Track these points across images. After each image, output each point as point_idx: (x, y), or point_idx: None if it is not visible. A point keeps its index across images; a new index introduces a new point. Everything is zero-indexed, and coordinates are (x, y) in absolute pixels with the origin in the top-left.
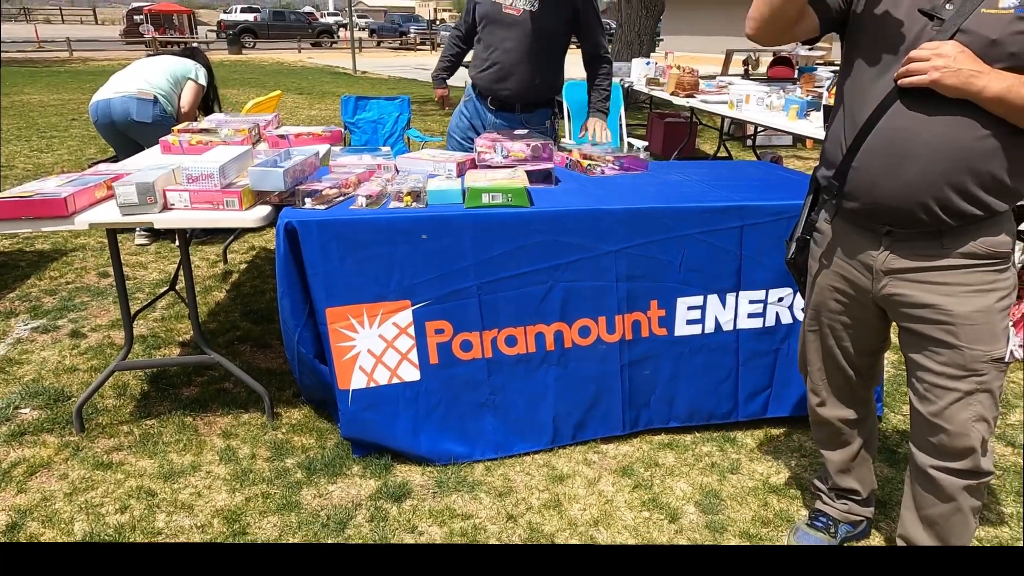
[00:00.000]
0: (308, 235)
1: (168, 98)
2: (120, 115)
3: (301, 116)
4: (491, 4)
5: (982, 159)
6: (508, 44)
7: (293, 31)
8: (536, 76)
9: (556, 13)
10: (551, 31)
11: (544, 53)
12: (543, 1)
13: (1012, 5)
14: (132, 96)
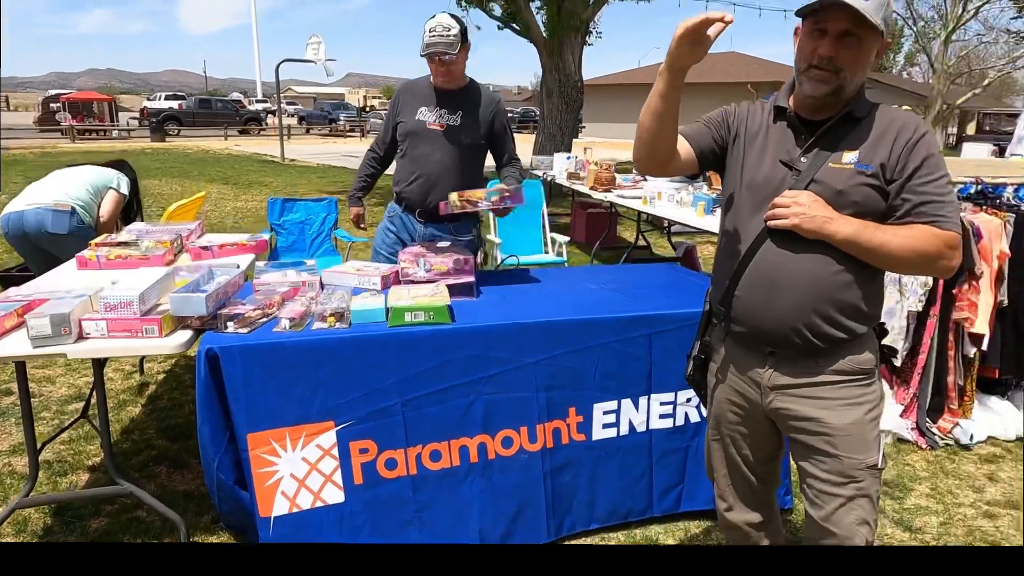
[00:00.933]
0: (230, 361)
1: (87, 208)
2: (33, 227)
3: (226, 208)
4: (415, 122)
5: (840, 290)
6: (433, 157)
7: (220, 118)
8: (460, 186)
9: (474, 127)
10: (471, 143)
11: (466, 163)
12: (463, 116)
13: (852, 161)
14: (47, 208)
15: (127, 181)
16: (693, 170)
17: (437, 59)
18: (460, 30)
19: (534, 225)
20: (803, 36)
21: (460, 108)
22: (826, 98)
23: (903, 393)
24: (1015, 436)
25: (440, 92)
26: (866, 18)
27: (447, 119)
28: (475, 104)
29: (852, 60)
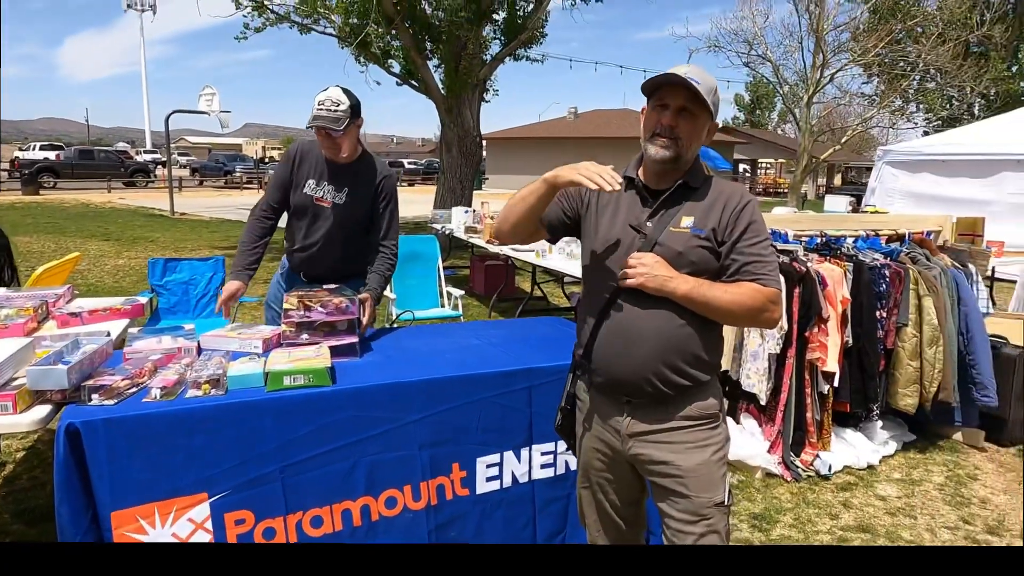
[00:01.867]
0: (93, 436)
1: None
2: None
3: (106, 266)
4: (302, 194)
5: (682, 342)
6: (319, 231)
7: (103, 170)
8: (346, 257)
9: (360, 205)
10: (358, 218)
11: (353, 237)
12: (350, 194)
13: (689, 226)
14: None
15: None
16: (546, 238)
17: (324, 132)
18: (350, 106)
19: (429, 279)
20: (648, 111)
21: (347, 184)
22: (668, 164)
23: (769, 430)
24: (866, 464)
25: (331, 165)
26: (699, 96)
27: (333, 196)
28: (364, 181)
29: (688, 131)
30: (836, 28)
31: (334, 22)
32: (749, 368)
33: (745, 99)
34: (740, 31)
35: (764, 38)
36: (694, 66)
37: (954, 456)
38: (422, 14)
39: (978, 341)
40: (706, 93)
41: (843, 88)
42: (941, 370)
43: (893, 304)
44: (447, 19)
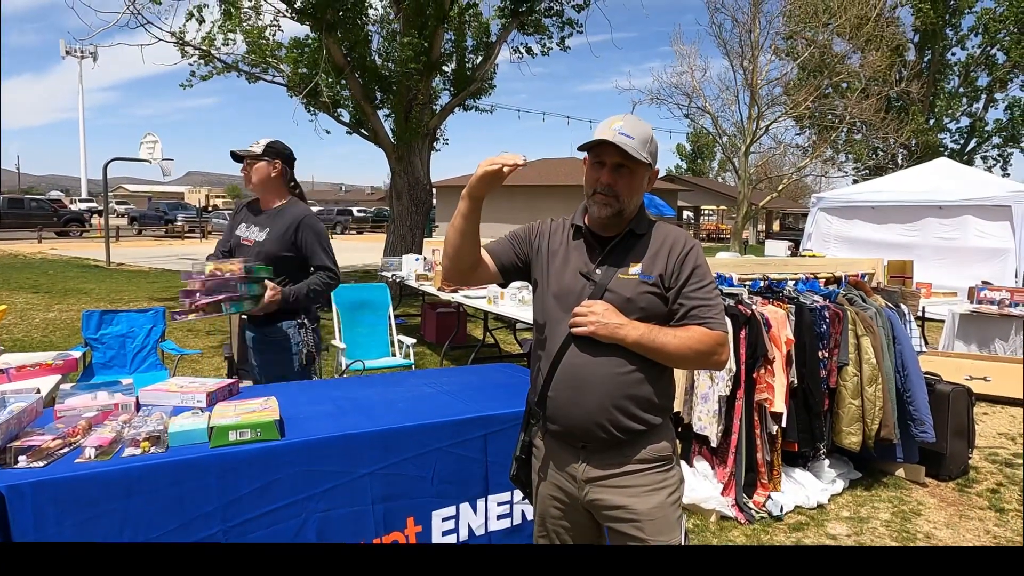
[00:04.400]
0: (18, 501)
1: None
2: None
3: (35, 320)
4: (235, 236)
5: (634, 386)
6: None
7: (34, 219)
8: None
9: (276, 243)
10: (279, 255)
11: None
12: (270, 233)
13: (636, 272)
14: None
15: None
16: (498, 280)
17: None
18: (268, 145)
19: (380, 328)
20: (588, 167)
21: (269, 226)
22: (611, 219)
23: (722, 472)
24: (816, 503)
25: (259, 211)
26: (632, 154)
27: (256, 235)
28: (283, 222)
29: (626, 186)
30: (769, 83)
31: (283, 71)
32: (700, 410)
33: (687, 149)
34: (680, 84)
35: (703, 91)
36: (629, 117)
37: (898, 492)
38: (372, 64)
39: (914, 378)
40: (640, 147)
41: (778, 139)
42: (882, 407)
43: (834, 344)
44: (397, 70)
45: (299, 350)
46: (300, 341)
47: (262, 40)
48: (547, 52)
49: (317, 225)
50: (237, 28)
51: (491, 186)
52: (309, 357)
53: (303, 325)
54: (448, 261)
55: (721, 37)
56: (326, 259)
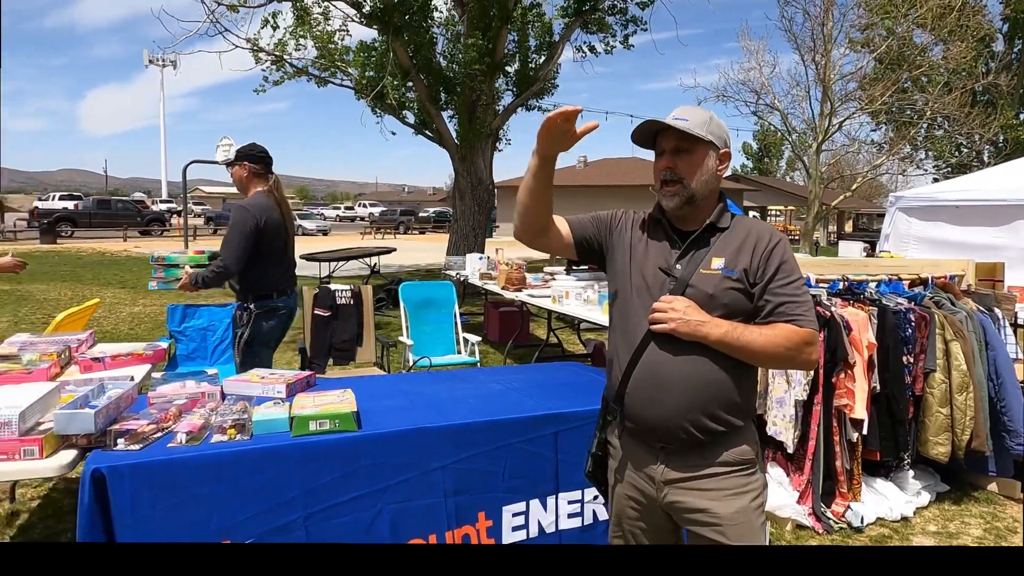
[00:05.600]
0: (118, 482)
1: None
2: None
3: (122, 314)
4: None
5: (717, 387)
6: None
7: (120, 219)
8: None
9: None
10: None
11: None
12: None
13: (719, 267)
14: None
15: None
16: (570, 254)
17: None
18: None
19: (447, 326)
20: (654, 164)
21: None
22: (683, 208)
23: (798, 479)
24: (899, 516)
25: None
26: (689, 132)
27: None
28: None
29: (688, 168)
30: (843, 78)
31: (351, 75)
32: (775, 415)
33: (753, 148)
34: (748, 81)
35: (771, 88)
36: (684, 106)
37: (991, 508)
38: (437, 66)
39: (1009, 387)
40: (696, 127)
41: (851, 136)
42: (972, 417)
43: (920, 349)
44: (461, 71)
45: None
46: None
47: (331, 44)
48: (610, 51)
49: (233, 218)
50: (308, 33)
51: (560, 145)
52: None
53: (246, 309)
54: (519, 220)
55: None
56: (223, 250)
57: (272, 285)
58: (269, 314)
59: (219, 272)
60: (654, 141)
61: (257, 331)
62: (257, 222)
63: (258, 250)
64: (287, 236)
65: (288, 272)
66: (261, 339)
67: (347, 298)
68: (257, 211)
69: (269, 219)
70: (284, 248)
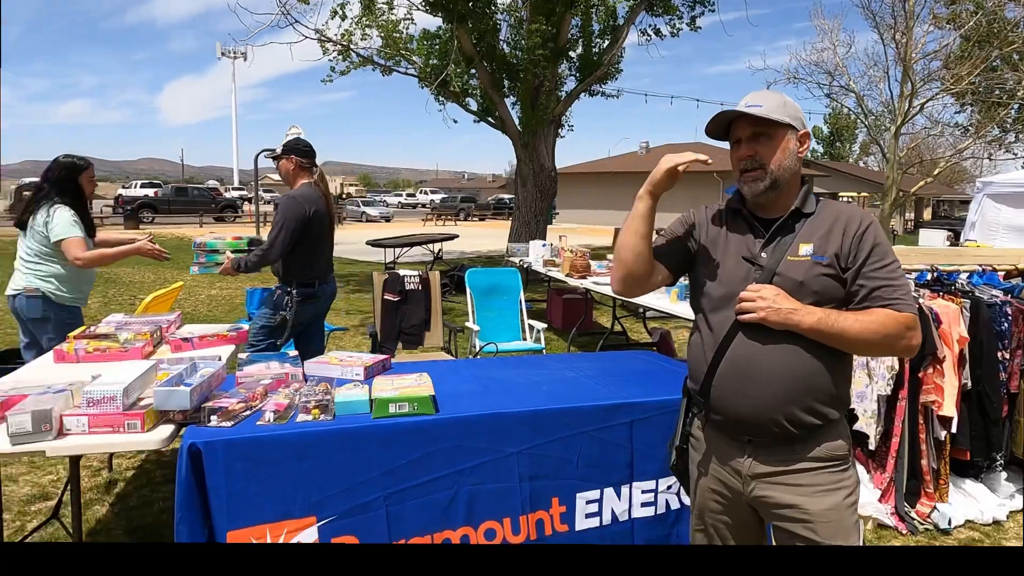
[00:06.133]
0: (213, 456)
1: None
2: (19, 313)
3: (200, 296)
4: None
5: (811, 377)
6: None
7: (196, 206)
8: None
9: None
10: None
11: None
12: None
13: (808, 253)
14: (22, 294)
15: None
16: (669, 282)
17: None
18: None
19: (512, 312)
20: (731, 153)
21: None
22: (766, 194)
23: (880, 477)
24: (991, 519)
25: None
26: (763, 118)
27: None
28: None
29: (769, 153)
30: (925, 56)
31: (415, 63)
32: (856, 409)
33: (824, 132)
34: (821, 62)
35: (847, 69)
36: (754, 92)
37: None
38: (500, 53)
39: None
40: (771, 111)
41: (934, 118)
42: None
43: (1016, 345)
44: (525, 57)
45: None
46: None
47: (396, 33)
48: (677, 33)
49: (282, 207)
50: (374, 23)
51: (671, 184)
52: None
53: (288, 292)
54: (625, 270)
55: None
56: (269, 237)
57: (314, 273)
58: (308, 300)
59: (261, 257)
60: (727, 132)
61: (297, 315)
62: (306, 212)
63: (303, 239)
64: (330, 226)
65: (328, 261)
66: (298, 320)
67: (416, 283)
68: (306, 202)
69: (317, 210)
70: (326, 238)
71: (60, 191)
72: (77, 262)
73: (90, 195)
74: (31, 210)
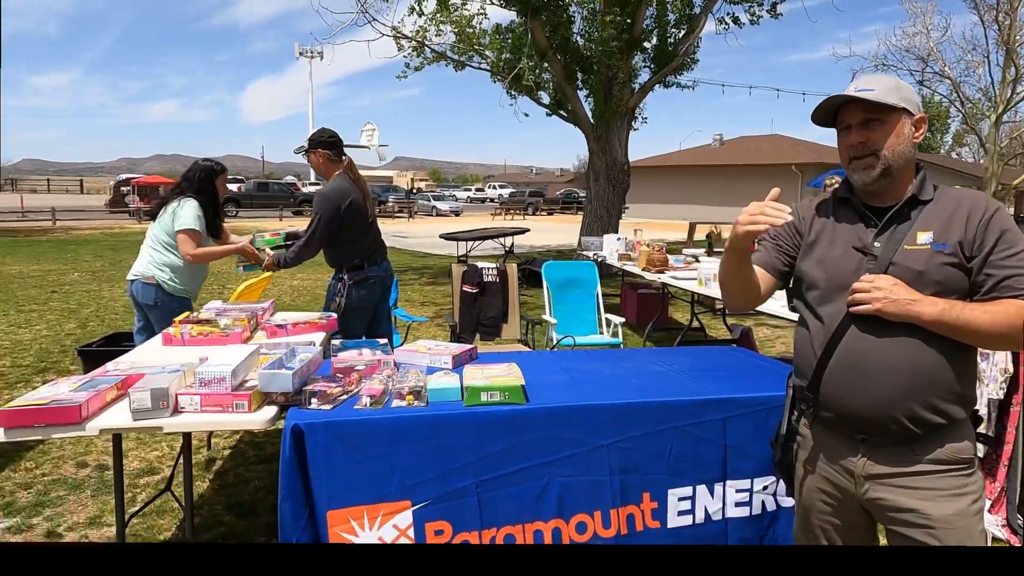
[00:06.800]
0: (314, 437)
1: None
2: (135, 297)
3: (283, 285)
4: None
5: (934, 372)
6: None
7: (277, 200)
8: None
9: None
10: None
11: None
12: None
13: (927, 241)
14: (140, 280)
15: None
16: (779, 288)
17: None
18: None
19: (588, 306)
20: (838, 140)
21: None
22: (879, 182)
23: (990, 486)
24: None
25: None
26: (876, 103)
27: None
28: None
29: (882, 138)
30: None
31: (488, 57)
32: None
33: None
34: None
35: (941, 54)
36: (863, 76)
37: None
38: (574, 46)
39: None
40: (884, 95)
41: None
42: None
43: None
44: (599, 49)
45: (333, 298)
46: (336, 292)
47: (469, 28)
48: (757, 21)
49: (315, 206)
50: (448, 19)
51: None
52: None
53: (340, 279)
54: (732, 298)
55: None
56: (305, 233)
57: (362, 256)
58: (361, 283)
59: (298, 254)
60: (834, 119)
61: (350, 299)
62: (338, 207)
63: (341, 229)
64: (368, 211)
65: (375, 242)
66: (354, 305)
67: (493, 275)
68: (337, 196)
69: (352, 200)
70: (368, 222)
71: (198, 190)
72: (187, 257)
73: (221, 197)
74: (165, 203)
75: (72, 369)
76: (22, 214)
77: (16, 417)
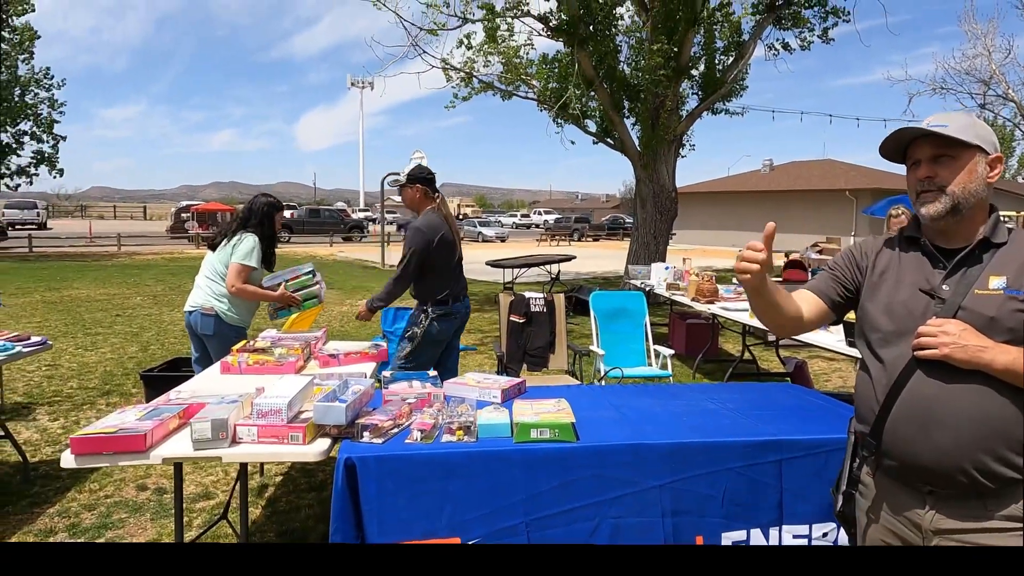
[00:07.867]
0: (366, 470)
1: (229, 305)
2: (194, 327)
3: (333, 312)
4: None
5: (1006, 423)
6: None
7: (327, 226)
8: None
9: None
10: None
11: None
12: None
13: (1001, 286)
14: (198, 311)
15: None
16: (829, 320)
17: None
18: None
19: (637, 337)
20: (908, 175)
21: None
22: (947, 219)
23: None
24: None
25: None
26: (947, 137)
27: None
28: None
29: (951, 175)
30: None
31: (534, 87)
32: None
33: None
34: (973, 70)
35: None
36: (939, 113)
37: None
38: (621, 74)
39: None
40: (958, 131)
41: None
42: None
43: None
44: (646, 77)
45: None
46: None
47: (516, 59)
48: (807, 46)
49: (409, 239)
50: (495, 49)
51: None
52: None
53: (424, 311)
54: (772, 325)
55: None
56: (398, 267)
57: (448, 292)
58: (443, 318)
59: (390, 292)
60: (904, 153)
61: (430, 331)
62: (431, 242)
63: (431, 264)
64: (456, 248)
65: (460, 280)
66: (432, 338)
67: (540, 306)
68: (431, 231)
69: (443, 235)
70: (455, 259)
71: (258, 223)
72: (231, 288)
73: (276, 232)
74: (227, 233)
75: (134, 392)
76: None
77: (87, 445)
